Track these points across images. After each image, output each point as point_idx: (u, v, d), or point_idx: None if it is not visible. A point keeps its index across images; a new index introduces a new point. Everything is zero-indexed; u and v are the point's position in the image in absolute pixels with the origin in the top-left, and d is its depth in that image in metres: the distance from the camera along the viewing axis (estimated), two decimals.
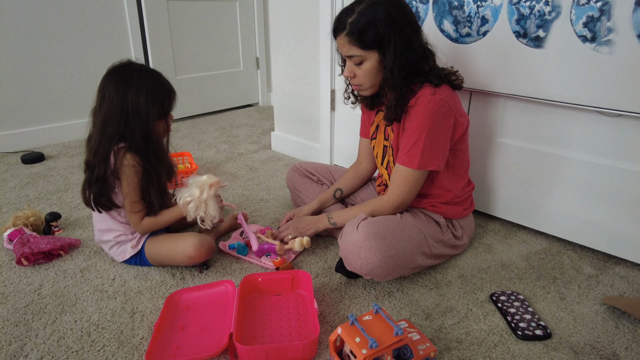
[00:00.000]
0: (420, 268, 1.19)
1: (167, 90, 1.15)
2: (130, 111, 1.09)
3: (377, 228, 1.07)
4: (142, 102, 1.09)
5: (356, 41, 1.06)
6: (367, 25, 1.03)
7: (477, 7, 1.30)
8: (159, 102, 1.12)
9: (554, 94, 1.23)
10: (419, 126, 1.08)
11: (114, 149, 1.11)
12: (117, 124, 1.09)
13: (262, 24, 3.15)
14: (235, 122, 2.89)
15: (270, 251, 1.29)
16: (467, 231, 1.30)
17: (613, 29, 1.08)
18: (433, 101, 1.06)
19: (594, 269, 1.27)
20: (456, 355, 0.95)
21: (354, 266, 1.06)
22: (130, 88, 1.09)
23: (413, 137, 1.09)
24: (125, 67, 1.12)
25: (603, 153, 1.25)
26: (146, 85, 1.10)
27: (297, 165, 1.54)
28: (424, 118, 1.07)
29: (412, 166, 1.10)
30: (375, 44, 1.05)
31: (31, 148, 2.26)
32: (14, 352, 0.95)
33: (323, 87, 1.91)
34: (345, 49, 1.09)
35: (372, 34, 1.04)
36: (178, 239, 1.21)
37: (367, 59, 1.08)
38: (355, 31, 1.05)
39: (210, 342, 0.96)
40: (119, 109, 1.09)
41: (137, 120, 1.10)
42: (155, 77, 1.13)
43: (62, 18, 2.25)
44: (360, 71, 1.11)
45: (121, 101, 1.08)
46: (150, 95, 1.10)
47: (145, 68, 1.14)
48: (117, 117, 1.09)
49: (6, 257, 1.30)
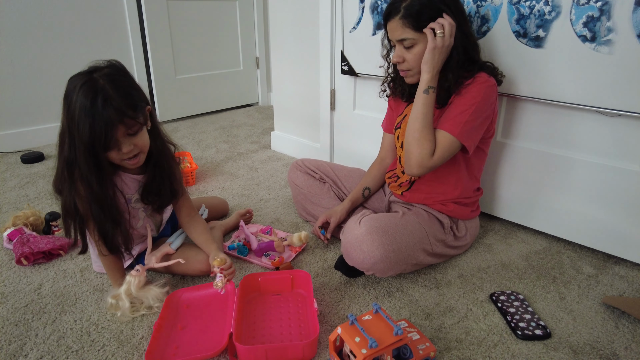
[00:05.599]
0: (421, 265, 1.19)
1: (104, 113, 0.89)
2: (73, 135, 0.92)
3: (380, 223, 1.08)
4: (76, 122, 0.90)
5: (411, 24, 1.08)
6: (422, 8, 1.07)
7: (477, 7, 1.30)
8: (89, 129, 0.89)
9: (554, 94, 1.23)
10: (471, 99, 1.10)
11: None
12: (69, 149, 0.95)
13: (262, 23, 3.14)
14: (235, 121, 2.89)
15: (269, 249, 1.29)
16: (471, 232, 1.30)
17: (613, 29, 1.08)
18: (489, 82, 1.12)
19: (594, 268, 1.27)
20: (456, 355, 0.95)
21: (355, 260, 1.07)
22: (68, 114, 0.91)
23: (462, 107, 1.11)
24: (73, 80, 0.92)
25: (603, 153, 1.24)
26: (81, 103, 0.89)
27: (299, 162, 1.54)
28: (477, 93, 1.10)
29: (454, 133, 1.10)
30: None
31: (31, 148, 2.26)
32: (14, 352, 0.95)
33: (323, 87, 1.91)
34: (398, 32, 1.11)
35: (426, 15, 1.07)
36: (189, 255, 1.17)
37: (419, 42, 1.10)
38: (412, 13, 1.07)
39: (210, 342, 0.96)
40: (65, 131, 0.94)
41: (77, 147, 0.93)
42: (95, 92, 0.89)
43: (62, 18, 2.25)
44: (411, 55, 1.12)
45: (67, 125, 0.93)
46: (82, 117, 0.89)
47: (85, 87, 0.89)
48: (67, 140, 0.94)
49: (6, 256, 1.30)
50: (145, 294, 1.05)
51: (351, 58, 1.72)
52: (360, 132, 1.85)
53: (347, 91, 1.83)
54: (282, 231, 1.46)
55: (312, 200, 1.47)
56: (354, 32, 1.67)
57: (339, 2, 1.69)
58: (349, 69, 1.75)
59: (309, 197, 1.48)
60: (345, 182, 1.49)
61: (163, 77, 2.74)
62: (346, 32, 1.70)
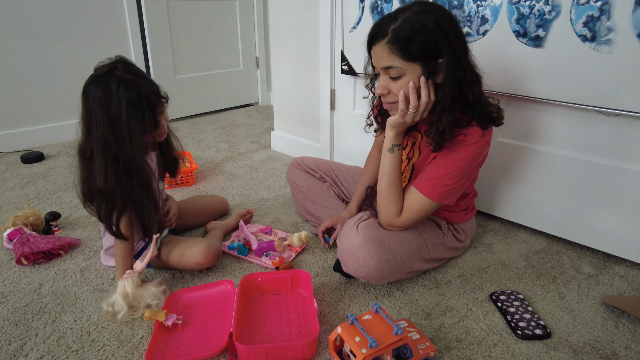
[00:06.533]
0: (417, 272, 1.18)
1: (149, 102, 1.05)
2: (120, 133, 1.02)
3: (377, 232, 1.07)
4: (124, 119, 1.01)
5: (399, 50, 0.93)
6: (413, 33, 0.92)
7: (477, 7, 1.30)
8: (141, 119, 1.03)
9: (554, 94, 1.23)
10: (454, 162, 1.02)
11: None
12: (115, 147, 1.02)
13: (262, 23, 3.14)
14: (235, 121, 2.89)
15: (269, 249, 1.29)
16: (469, 234, 1.30)
17: (613, 29, 1.08)
18: (479, 143, 1.01)
19: (594, 268, 1.27)
20: (456, 354, 0.95)
21: (350, 268, 1.06)
22: (111, 104, 1.00)
23: (443, 169, 1.03)
24: (107, 78, 1.02)
25: (603, 153, 1.24)
26: (126, 98, 1.01)
27: (298, 161, 1.54)
28: (464, 156, 1.01)
29: (431, 197, 1.05)
30: (420, 55, 0.93)
31: (31, 147, 2.26)
32: (14, 352, 0.95)
33: (323, 87, 1.91)
34: (384, 59, 0.96)
35: (418, 43, 0.92)
36: (185, 246, 1.19)
37: (407, 72, 0.96)
38: (400, 38, 0.92)
39: (210, 342, 0.96)
40: (110, 134, 1.01)
41: (124, 143, 1.02)
42: (133, 87, 1.02)
43: (61, 18, 2.25)
44: (397, 86, 0.98)
45: (109, 125, 1.01)
46: (131, 110, 1.01)
47: (125, 78, 1.02)
48: (112, 140, 1.01)
49: (6, 256, 1.30)
50: (142, 293, 1.05)
51: (351, 58, 1.72)
52: (360, 132, 1.84)
53: (347, 91, 1.83)
54: (282, 231, 1.46)
55: (312, 199, 1.47)
56: (354, 32, 1.67)
57: (339, 2, 1.69)
58: (348, 68, 1.75)
59: (309, 196, 1.47)
60: (344, 181, 1.49)
61: (163, 77, 2.74)
62: (346, 32, 1.70)
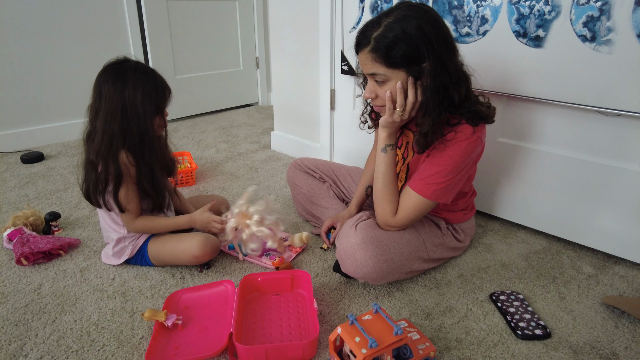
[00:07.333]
0: (416, 273, 1.18)
1: (162, 87, 1.17)
2: (128, 108, 1.10)
3: (375, 233, 1.07)
4: (139, 100, 1.10)
5: (381, 58, 0.95)
6: (395, 40, 0.92)
7: (477, 7, 1.30)
8: (154, 99, 1.14)
9: (554, 94, 1.23)
10: (447, 160, 1.02)
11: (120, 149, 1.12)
12: (120, 122, 1.10)
13: (262, 23, 3.14)
14: (235, 121, 2.89)
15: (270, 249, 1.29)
16: (468, 234, 1.30)
17: (613, 29, 1.08)
18: (470, 139, 1.01)
19: (594, 268, 1.27)
20: (456, 354, 0.95)
21: (348, 268, 1.06)
22: (127, 86, 1.10)
23: (436, 167, 1.03)
24: (121, 65, 1.13)
25: (603, 152, 1.24)
26: (142, 82, 1.12)
27: (298, 162, 1.54)
28: (455, 152, 1.01)
29: (425, 195, 1.04)
30: (403, 62, 0.94)
31: (31, 148, 2.26)
32: (14, 352, 0.95)
33: (323, 87, 1.91)
34: (368, 66, 0.98)
35: (400, 50, 0.93)
36: (182, 238, 1.21)
37: (392, 78, 0.97)
38: (381, 47, 0.94)
39: (210, 342, 0.96)
40: (119, 106, 1.09)
41: (134, 118, 1.11)
42: (150, 74, 1.15)
43: (61, 18, 2.25)
44: (383, 91, 1.00)
45: (120, 99, 1.09)
46: (146, 92, 1.12)
47: (141, 65, 1.15)
48: (119, 115, 1.10)
49: (6, 256, 1.30)
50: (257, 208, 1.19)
51: (351, 58, 1.72)
52: (361, 132, 1.84)
53: (347, 91, 1.83)
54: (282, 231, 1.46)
55: (312, 200, 1.47)
56: (354, 32, 1.66)
57: (339, 2, 1.69)
58: (348, 68, 1.75)
59: (309, 197, 1.47)
60: (344, 181, 1.49)
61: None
62: (346, 32, 1.70)
